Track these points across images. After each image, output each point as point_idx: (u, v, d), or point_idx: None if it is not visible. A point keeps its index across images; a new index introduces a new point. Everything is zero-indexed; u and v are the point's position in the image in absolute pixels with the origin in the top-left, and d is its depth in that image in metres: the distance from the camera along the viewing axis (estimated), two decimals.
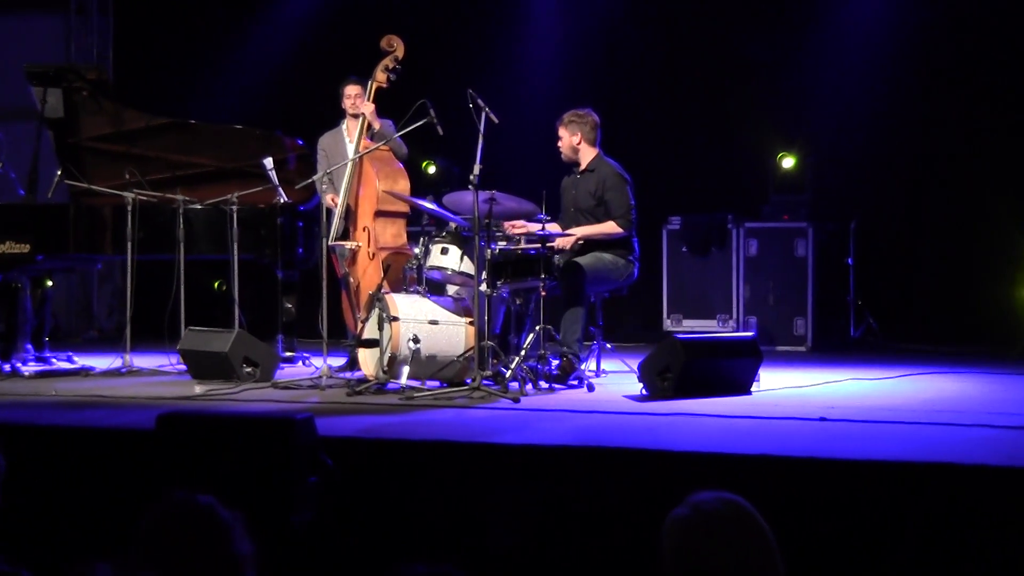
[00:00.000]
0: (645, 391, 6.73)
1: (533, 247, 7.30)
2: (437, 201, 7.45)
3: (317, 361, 7.85)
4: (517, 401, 6.45)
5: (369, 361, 7.23)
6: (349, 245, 7.94)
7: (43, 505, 5.18)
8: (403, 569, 2.37)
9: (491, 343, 6.91)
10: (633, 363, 7.14)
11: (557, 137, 7.82)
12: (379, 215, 7.90)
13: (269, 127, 9.10)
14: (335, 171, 8.07)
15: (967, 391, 7.30)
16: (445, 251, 7.22)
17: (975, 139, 10.27)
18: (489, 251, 7.00)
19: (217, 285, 11.17)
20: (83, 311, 12.21)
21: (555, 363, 7.24)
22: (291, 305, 8.75)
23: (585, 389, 7.04)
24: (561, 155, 7.85)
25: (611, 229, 7.60)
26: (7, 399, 6.81)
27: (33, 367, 8.10)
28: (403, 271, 7.56)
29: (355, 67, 8.46)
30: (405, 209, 7.98)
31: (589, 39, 11.28)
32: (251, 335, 7.77)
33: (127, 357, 8.22)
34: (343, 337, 8.27)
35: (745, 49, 10.83)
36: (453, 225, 7.36)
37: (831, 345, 10.18)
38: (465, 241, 7.20)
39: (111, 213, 8.40)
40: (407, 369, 6.90)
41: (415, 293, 7.23)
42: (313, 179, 7.99)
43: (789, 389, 7.08)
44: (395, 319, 6.95)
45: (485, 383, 6.73)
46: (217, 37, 11.92)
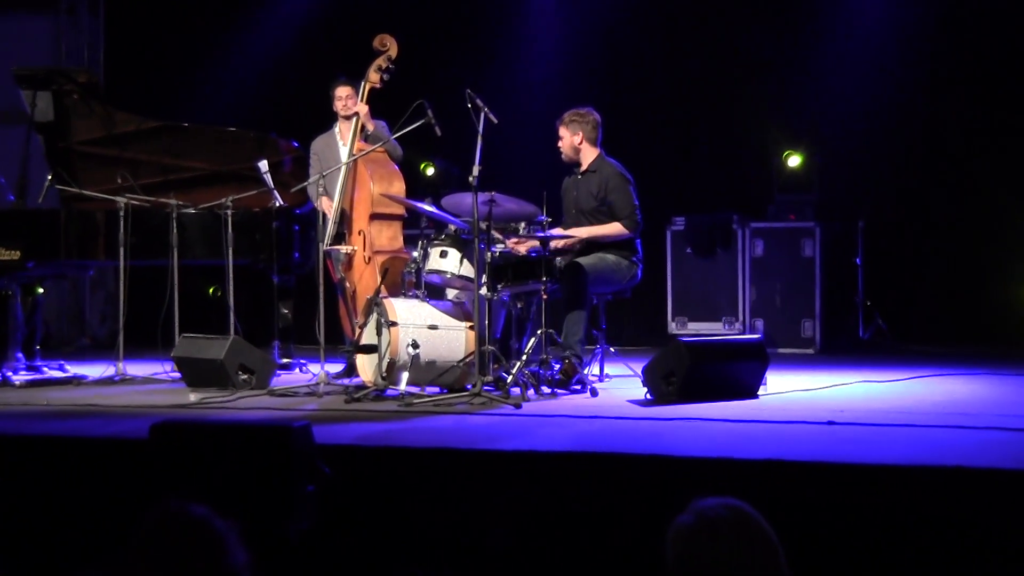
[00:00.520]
0: (649, 395, 6.73)
1: (534, 249, 7.31)
2: (436, 203, 7.45)
3: (314, 368, 7.85)
4: (519, 407, 6.45)
5: (367, 367, 7.24)
6: (344, 249, 7.94)
7: (35, 516, 5.18)
8: None
9: (492, 348, 6.91)
10: (637, 367, 7.13)
11: (558, 137, 7.83)
12: (374, 218, 7.90)
13: (263, 129, 9.11)
14: (329, 175, 8.08)
15: (979, 393, 7.29)
16: (444, 254, 7.22)
17: (985, 136, 10.28)
18: (489, 254, 7.00)
19: (212, 291, 11.19)
20: (75, 318, 12.22)
21: (557, 368, 7.25)
22: (287, 311, 8.76)
23: (588, 394, 7.03)
24: (562, 155, 7.85)
25: (617, 230, 7.61)
26: None
27: (24, 376, 8.10)
28: (401, 275, 7.57)
29: (350, 67, 8.46)
30: (401, 211, 7.99)
31: (590, 36, 11.29)
32: (246, 342, 7.77)
33: (120, 365, 8.22)
34: (341, 343, 8.27)
35: (749, 45, 10.84)
36: (452, 228, 7.36)
37: (839, 347, 10.19)
38: (464, 244, 7.21)
39: (103, 218, 8.41)
40: (406, 375, 6.90)
41: (414, 297, 7.23)
42: (310, 182, 8.00)
43: (797, 392, 7.09)
44: (394, 324, 6.96)
45: (486, 389, 6.72)
46: (210, 37, 11.93)
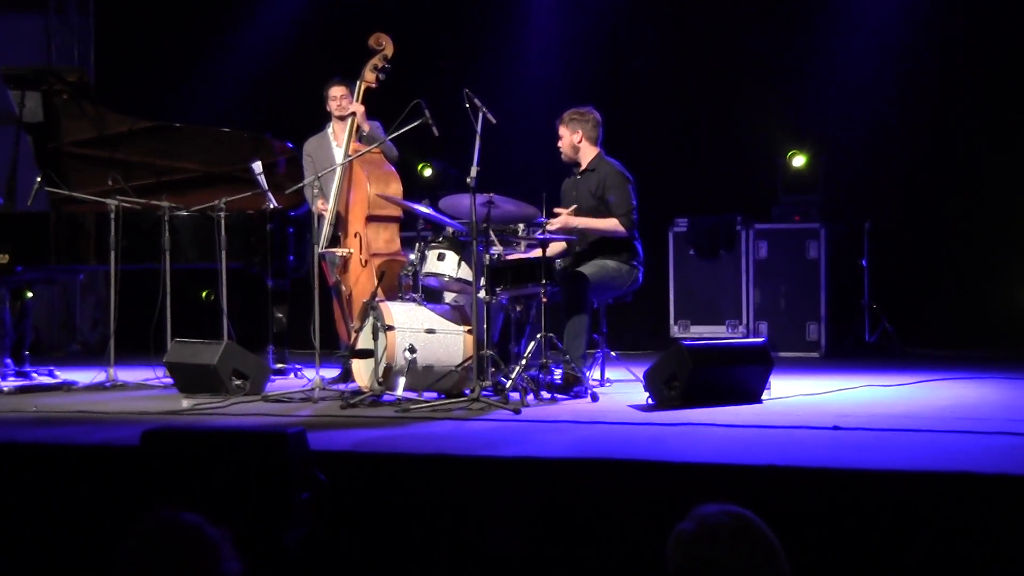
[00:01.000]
0: (651, 400, 6.74)
1: (534, 253, 7.32)
2: (433, 205, 7.45)
3: (309, 373, 7.86)
4: (518, 412, 6.45)
5: (363, 372, 7.24)
6: (340, 252, 7.95)
7: (25, 526, 5.18)
8: None
9: (490, 352, 6.91)
10: (638, 371, 7.14)
11: (557, 136, 7.83)
12: (370, 220, 7.90)
13: (257, 130, 9.12)
14: (325, 177, 8.08)
15: (987, 397, 7.29)
16: (442, 257, 7.22)
17: (993, 136, 10.29)
18: (488, 256, 7.00)
19: (205, 295, 11.19)
20: (65, 324, 12.23)
21: (557, 372, 7.25)
22: (282, 315, 8.76)
23: (589, 399, 7.04)
24: (561, 155, 7.86)
25: (612, 225, 7.60)
26: None
27: (13, 382, 8.11)
28: (398, 278, 7.57)
29: (345, 67, 8.47)
30: (398, 213, 7.99)
31: (590, 35, 11.30)
32: (240, 347, 7.77)
33: (111, 371, 8.22)
34: (336, 348, 8.27)
35: (752, 44, 10.85)
36: (450, 230, 7.36)
37: (845, 351, 10.20)
38: (462, 246, 7.20)
39: (94, 221, 8.41)
40: (403, 380, 6.90)
41: (411, 301, 7.23)
42: (305, 183, 8.00)
43: (801, 397, 7.09)
44: (390, 328, 6.96)
45: (484, 394, 6.73)
46: (202, 36, 11.94)
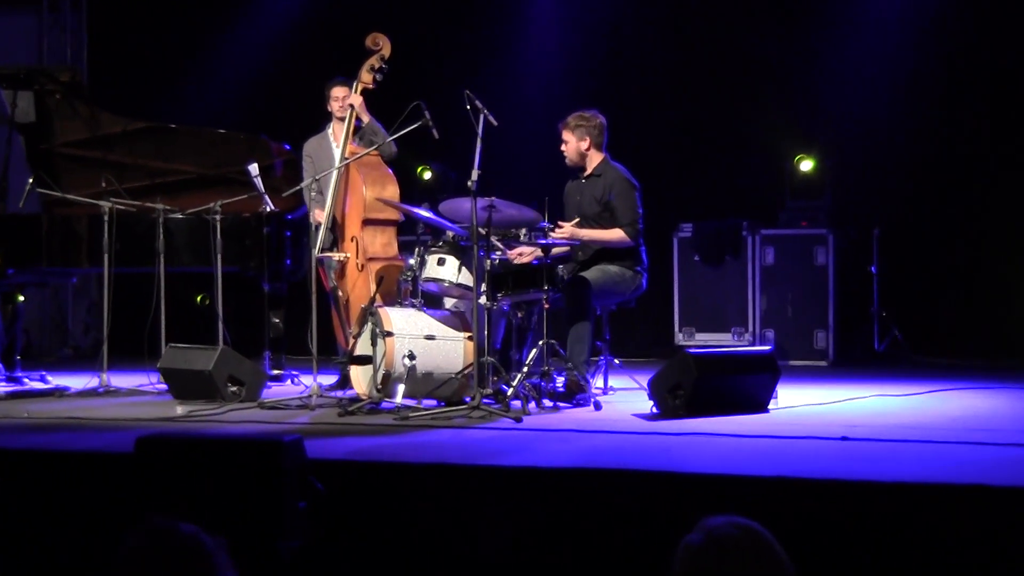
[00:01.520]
0: (655, 409, 6.74)
1: (536, 258, 7.32)
2: (433, 208, 7.45)
3: (306, 379, 7.86)
4: (519, 420, 6.45)
5: (362, 379, 7.24)
6: (336, 256, 7.95)
7: (16, 534, 5.18)
8: None
9: (491, 359, 6.91)
10: (642, 379, 7.14)
11: (561, 141, 7.82)
12: (367, 224, 7.90)
13: (254, 131, 9.13)
14: (323, 178, 8.08)
15: (999, 408, 7.30)
16: (442, 261, 7.22)
17: (1005, 141, 10.28)
18: (488, 261, 7.01)
19: (200, 299, 11.20)
20: (57, 328, 12.23)
21: (560, 380, 7.25)
22: (278, 320, 8.75)
23: (592, 407, 7.04)
24: (566, 159, 7.85)
25: (618, 237, 7.61)
26: None
27: (3, 388, 8.10)
28: (397, 283, 7.57)
29: (344, 67, 8.48)
30: (395, 216, 7.99)
31: (594, 36, 11.30)
32: (236, 352, 7.77)
33: (104, 376, 8.22)
34: (334, 354, 8.28)
35: (759, 45, 10.84)
36: (450, 234, 7.36)
37: (854, 359, 10.19)
38: (463, 251, 7.21)
39: (87, 223, 8.41)
40: (402, 387, 6.90)
41: (410, 306, 7.23)
42: (302, 185, 8.00)
43: (809, 406, 7.09)
44: (389, 334, 6.96)
45: (485, 402, 6.72)
46: (198, 35, 11.94)
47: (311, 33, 11.69)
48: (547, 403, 7.00)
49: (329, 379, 8.01)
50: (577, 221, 7.62)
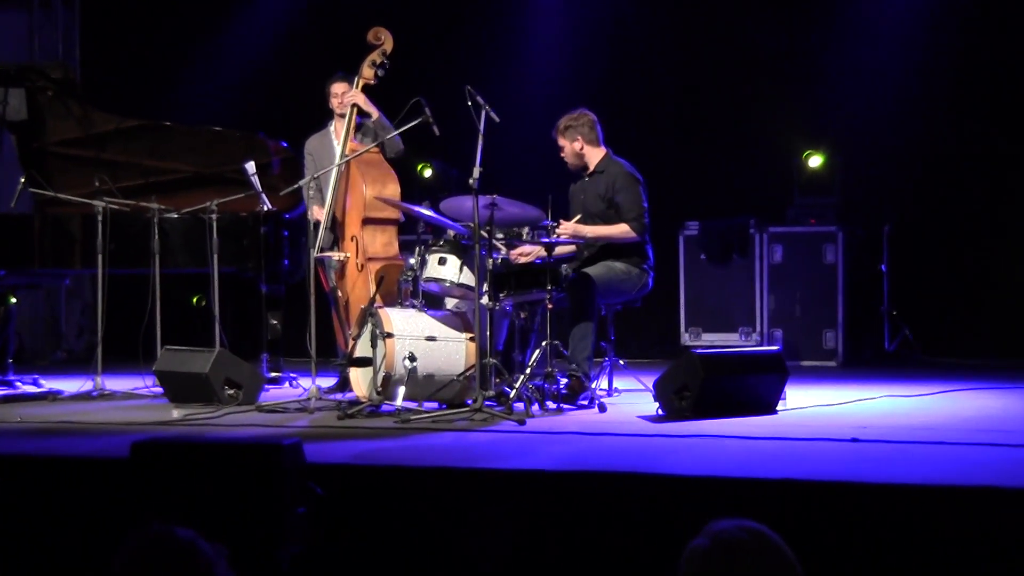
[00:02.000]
0: (661, 411, 6.74)
1: (539, 257, 7.33)
2: (434, 207, 7.46)
3: (305, 382, 7.87)
4: (522, 423, 6.46)
5: (361, 381, 7.24)
6: (336, 256, 7.95)
7: (9, 541, 5.19)
8: None
9: (494, 361, 6.91)
10: (648, 381, 7.15)
11: (558, 148, 7.83)
12: (367, 223, 7.91)
13: (250, 129, 9.13)
14: (322, 176, 8.08)
15: (1012, 408, 7.30)
16: (443, 261, 7.23)
17: (1018, 137, 10.28)
18: (491, 261, 7.01)
19: (196, 301, 11.21)
20: (50, 330, 12.23)
21: (563, 382, 7.25)
22: (276, 321, 8.75)
23: (596, 409, 7.05)
24: (568, 165, 7.87)
25: (623, 232, 7.61)
26: None
27: None
28: (397, 283, 7.57)
29: (344, 62, 8.48)
30: (395, 216, 7.99)
31: (598, 31, 11.30)
32: (233, 354, 7.78)
33: (98, 380, 8.22)
34: (333, 356, 8.28)
35: (766, 38, 10.84)
36: (451, 233, 7.37)
37: (864, 360, 10.20)
38: (464, 250, 7.21)
39: (80, 224, 8.43)
40: (403, 390, 6.91)
41: (411, 307, 7.24)
42: (300, 184, 8.00)
43: (818, 408, 7.09)
44: (389, 335, 6.97)
45: (488, 404, 6.73)
46: (193, 30, 11.94)
47: (310, 28, 11.70)
48: (551, 405, 7.01)
49: (328, 381, 8.01)
50: (580, 218, 7.62)
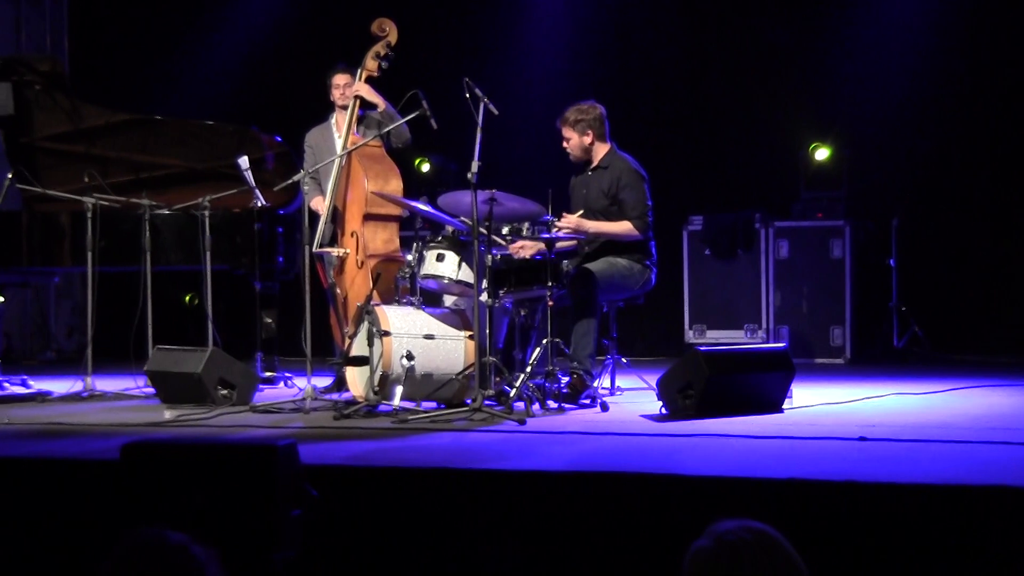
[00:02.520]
0: (664, 410, 6.74)
1: (539, 252, 7.33)
2: (431, 202, 7.46)
3: (300, 382, 7.86)
4: (523, 423, 6.46)
5: (358, 381, 7.25)
6: (336, 252, 7.95)
7: None
8: None
9: (493, 359, 6.91)
10: (651, 379, 7.15)
11: (562, 138, 7.82)
12: (368, 219, 7.91)
13: (244, 122, 9.13)
14: (322, 170, 8.08)
15: (1023, 406, 7.30)
16: (441, 257, 7.23)
17: None
18: (490, 257, 7.01)
19: (188, 299, 11.22)
20: (39, 329, 12.24)
21: (564, 380, 7.26)
22: (271, 320, 8.77)
23: (598, 408, 7.05)
24: (569, 156, 7.86)
25: (626, 229, 7.61)
26: None
27: None
28: (395, 280, 7.57)
29: (343, 54, 8.48)
30: (398, 212, 7.98)
31: (600, 21, 11.31)
32: (227, 354, 7.77)
33: (88, 380, 8.22)
34: (329, 354, 8.29)
35: (772, 29, 10.85)
36: (450, 229, 7.37)
37: (872, 356, 10.21)
38: (463, 246, 7.21)
39: (69, 220, 8.43)
40: (400, 389, 6.91)
41: (408, 305, 7.24)
42: (294, 179, 7.99)
43: (825, 406, 7.10)
44: (386, 334, 6.97)
45: (487, 403, 6.73)
46: (186, 21, 11.95)
47: (306, 18, 11.69)
48: (552, 404, 7.01)
49: (324, 381, 8.02)
50: (582, 213, 7.63)
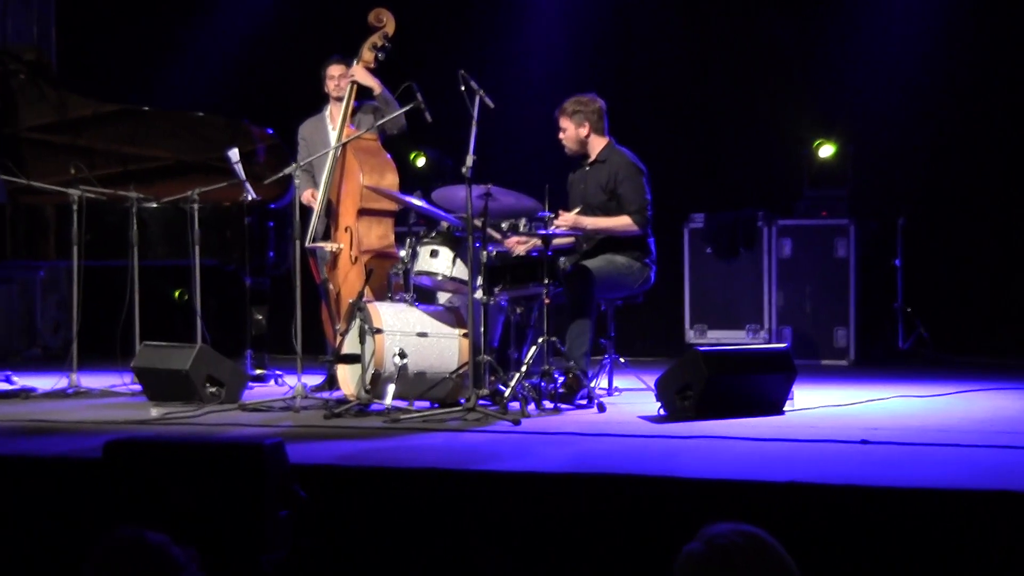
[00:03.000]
0: (663, 411, 6.74)
1: (535, 249, 7.33)
2: (426, 197, 7.45)
3: (291, 379, 7.86)
4: (517, 423, 6.45)
5: (349, 379, 7.24)
6: (329, 247, 7.94)
7: None
8: None
9: (488, 358, 6.91)
10: (650, 380, 7.15)
11: (559, 128, 7.81)
12: (363, 214, 7.90)
13: (235, 115, 9.12)
14: (315, 163, 8.07)
15: None
16: (435, 254, 7.22)
17: None
18: (485, 253, 7.00)
19: (177, 294, 11.20)
20: (24, 325, 12.22)
21: (560, 380, 7.25)
22: (261, 316, 8.76)
23: (595, 409, 7.05)
24: (565, 149, 7.84)
25: (624, 224, 7.61)
26: None
27: None
28: (388, 277, 7.57)
29: (338, 45, 8.47)
30: (393, 207, 7.97)
31: (600, 15, 11.29)
32: (215, 351, 7.77)
33: (74, 376, 8.22)
34: (321, 352, 8.28)
35: (775, 24, 10.84)
36: (444, 224, 7.36)
37: (876, 358, 10.21)
38: (457, 242, 7.20)
39: (54, 213, 8.42)
40: (392, 388, 6.91)
41: (401, 302, 7.24)
42: (286, 171, 7.98)
43: (827, 408, 7.10)
44: (378, 331, 6.96)
45: (481, 403, 6.73)
46: (176, 12, 11.93)
47: (299, 9, 11.68)
48: (547, 404, 7.01)
49: (315, 379, 8.02)
50: (580, 209, 7.62)
